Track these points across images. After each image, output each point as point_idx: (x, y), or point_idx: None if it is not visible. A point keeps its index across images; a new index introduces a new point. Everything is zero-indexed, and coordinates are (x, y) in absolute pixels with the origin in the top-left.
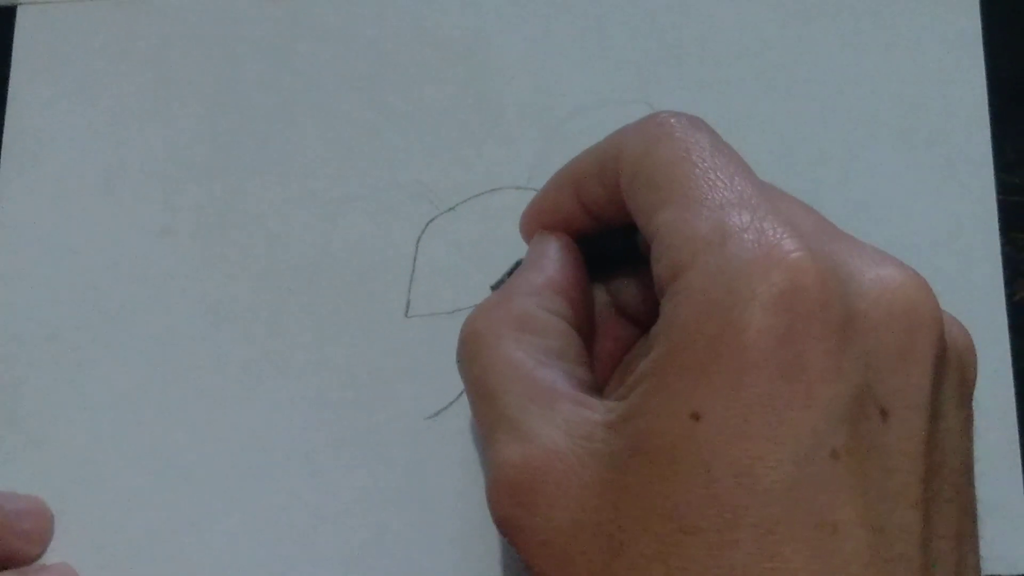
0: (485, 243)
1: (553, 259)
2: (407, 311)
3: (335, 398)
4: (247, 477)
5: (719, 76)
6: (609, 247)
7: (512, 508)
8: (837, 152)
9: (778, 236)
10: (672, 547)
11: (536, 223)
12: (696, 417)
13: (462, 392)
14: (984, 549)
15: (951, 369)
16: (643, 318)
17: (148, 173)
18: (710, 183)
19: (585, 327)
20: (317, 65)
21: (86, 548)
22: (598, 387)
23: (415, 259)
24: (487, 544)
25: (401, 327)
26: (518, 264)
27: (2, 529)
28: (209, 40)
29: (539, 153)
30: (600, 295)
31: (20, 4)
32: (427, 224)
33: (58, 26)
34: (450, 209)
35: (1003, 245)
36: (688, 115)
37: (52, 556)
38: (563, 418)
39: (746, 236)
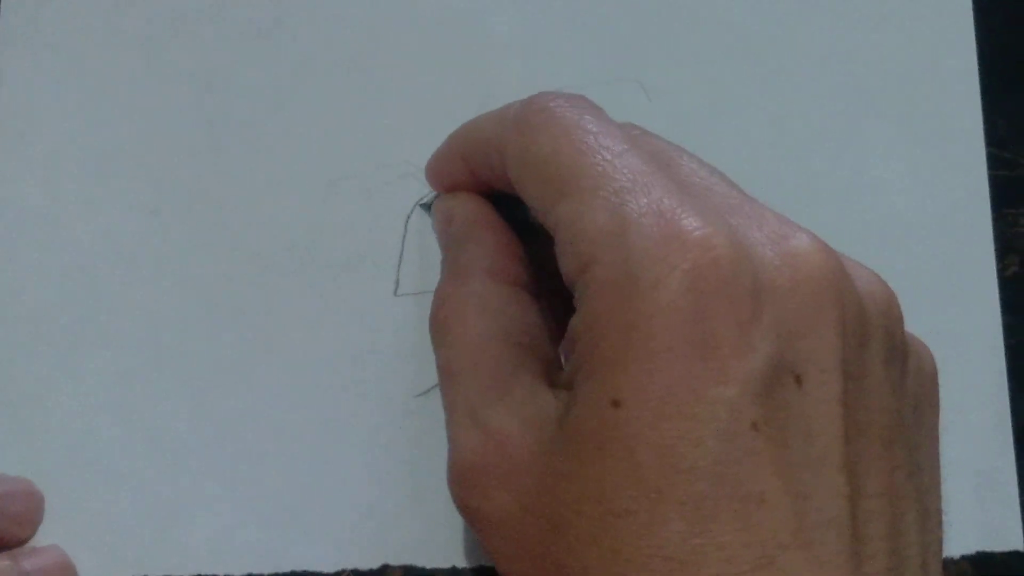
0: None
1: (487, 228)
2: (396, 290)
3: (325, 377)
4: (237, 458)
5: (710, 53)
6: (512, 214)
7: (466, 491)
8: (828, 129)
9: (677, 216)
10: (604, 529)
11: (439, 183)
12: (616, 404)
13: None
14: (976, 526)
15: (872, 326)
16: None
17: (137, 155)
18: (600, 169)
19: (534, 286)
20: (306, 45)
21: (76, 530)
22: (558, 357)
23: (404, 239)
24: None
25: (390, 306)
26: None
27: None
28: (198, 20)
29: None
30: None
31: None
32: (416, 204)
33: (45, 6)
34: None
35: (994, 221)
36: (566, 95)
37: (42, 538)
38: (519, 407)
39: (645, 221)
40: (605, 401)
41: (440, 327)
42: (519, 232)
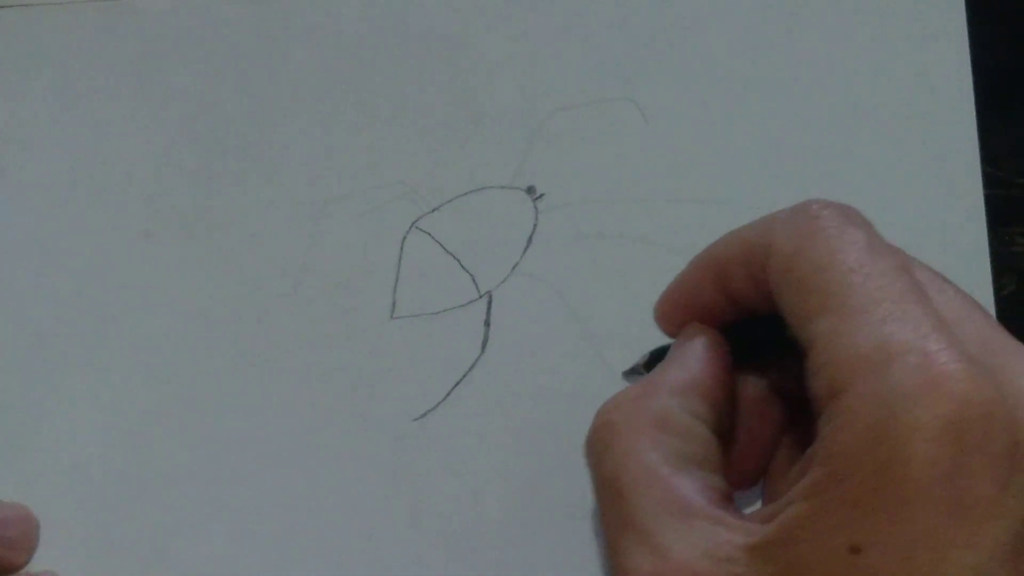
0: (470, 243)
1: (700, 358)
2: (392, 312)
3: (321, 400)
4: (233, 482)
5: (703, 73)
6: (759, 335)
7: None
8: (823, 148)
9: (943, 359)
10: None
11: (675, 311)
12: (856, 550)
13: (449, 393)
14: None
15: None
16: (795, 398)
17: (130, 176)
18: (869, 292)
19: (725, 432)
20: (300, 67)
21: (72, 556)
22: (731, 495)
23: (400, 260)
24: (474, 545)
25: (387, 328)
26: (654, 354)
27: None
28: (191, 42)
29: (523, 152)
30: (751, 377)
31: None
32: (412, 225)
33: (37, 29)
34: (434, 210)
35: (990, 240)
36: (841, 206)
37: (38, 564)
38: (701, 536)
39: (910, 359)
40: (843, 545)
41: (605, 433)
42: (752, 348)
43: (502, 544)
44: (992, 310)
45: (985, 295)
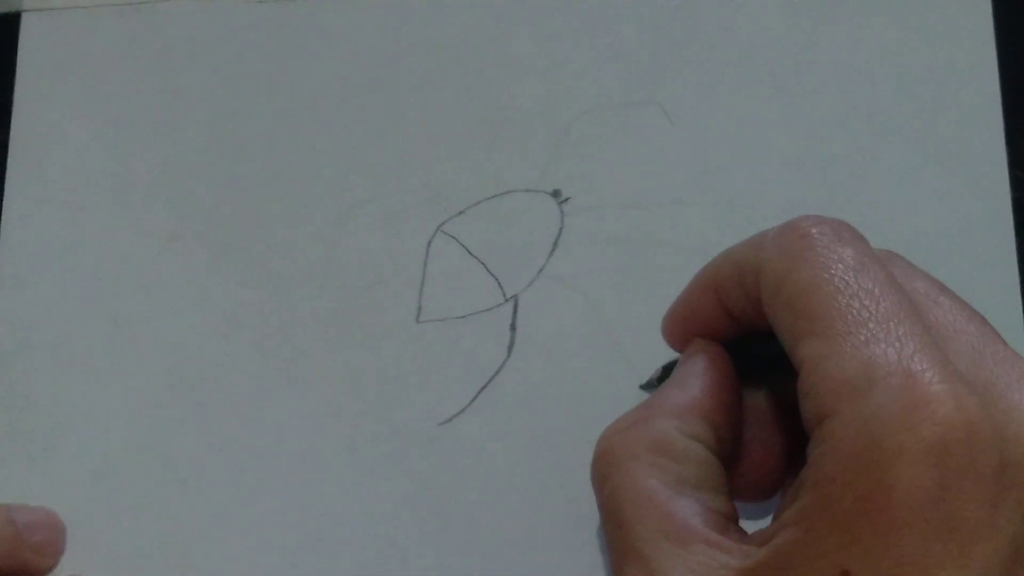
0: (496, 246)
1: (700, 378)
2: (418, 316)
3: (346, 405)
4: (259, 486)
5: (729, 76)
6: (764, 351)
7: None
8: (848, 152)
9: (926, 380)
10: None
11: (679, 328)
12: (846, 575)
13: (475, 398)
14: None
15: None
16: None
17: (155, 180)
18: (855, 314)
19: (728, 450)
20: (324, 70)
21: (98, 559)
22: (734, 515)
23: (425, 264)
24: (500, 549)
25: (412, 332)
26: (666, 368)
27: (14, 542)
28: (215, 46)
29: (549, 155)
30: (762, 390)
31: (24, 11)
32: (437, 228)
33: (63, 33)
34: (460, 213)
35: (1018, 245)
36: (832, 223)
37: (64, 568)
38: (697, 561)
39: (893, 381)
40: (832, 569)
41: (605, 460)
42: (758, 366)
43: (528, 549)
44: (1020, 315)
45: (1013, 300)
